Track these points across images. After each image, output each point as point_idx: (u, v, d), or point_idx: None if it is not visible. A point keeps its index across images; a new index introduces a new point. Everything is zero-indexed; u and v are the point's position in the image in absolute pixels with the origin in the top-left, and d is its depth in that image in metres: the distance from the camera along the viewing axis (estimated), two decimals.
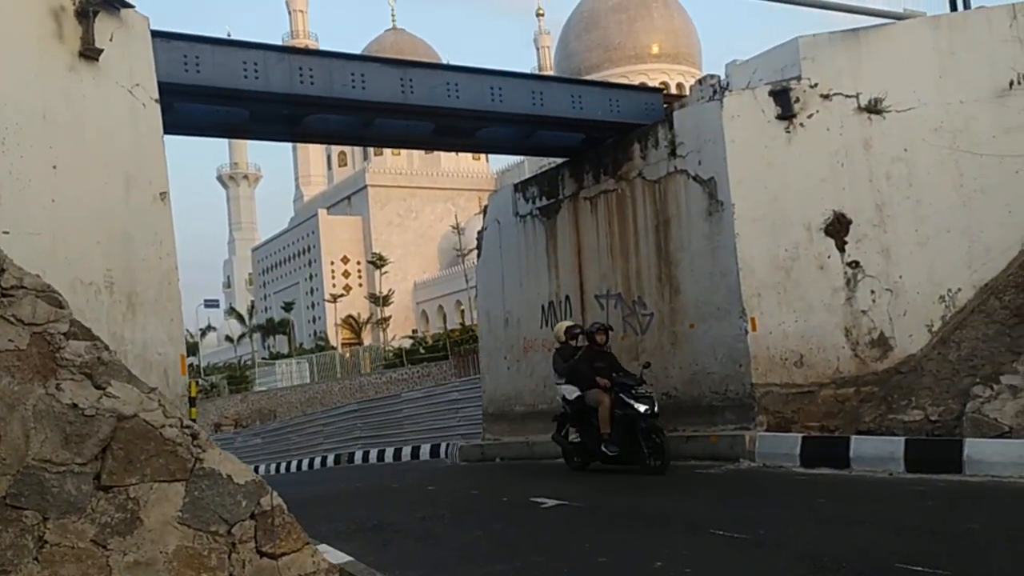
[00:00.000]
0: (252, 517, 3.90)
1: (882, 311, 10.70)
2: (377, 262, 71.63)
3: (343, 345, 64.00)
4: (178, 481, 3.80)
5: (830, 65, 11.06)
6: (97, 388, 3.77)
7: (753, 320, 10.47)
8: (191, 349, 52.96)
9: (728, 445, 10.25)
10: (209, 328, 76.38)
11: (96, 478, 3.65)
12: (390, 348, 50.69)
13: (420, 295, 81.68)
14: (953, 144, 10.84)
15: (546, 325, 14.31)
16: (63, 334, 3.84)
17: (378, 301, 70.35)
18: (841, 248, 10.77)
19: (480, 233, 16.48)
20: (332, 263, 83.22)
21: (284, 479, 19.63)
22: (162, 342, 8.68)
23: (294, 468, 23.46)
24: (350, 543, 6.68)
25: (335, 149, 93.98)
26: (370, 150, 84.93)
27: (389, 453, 19.86)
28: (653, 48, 76.64)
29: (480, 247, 16.34)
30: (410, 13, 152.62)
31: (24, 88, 7.53)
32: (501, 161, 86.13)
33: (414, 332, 64.39)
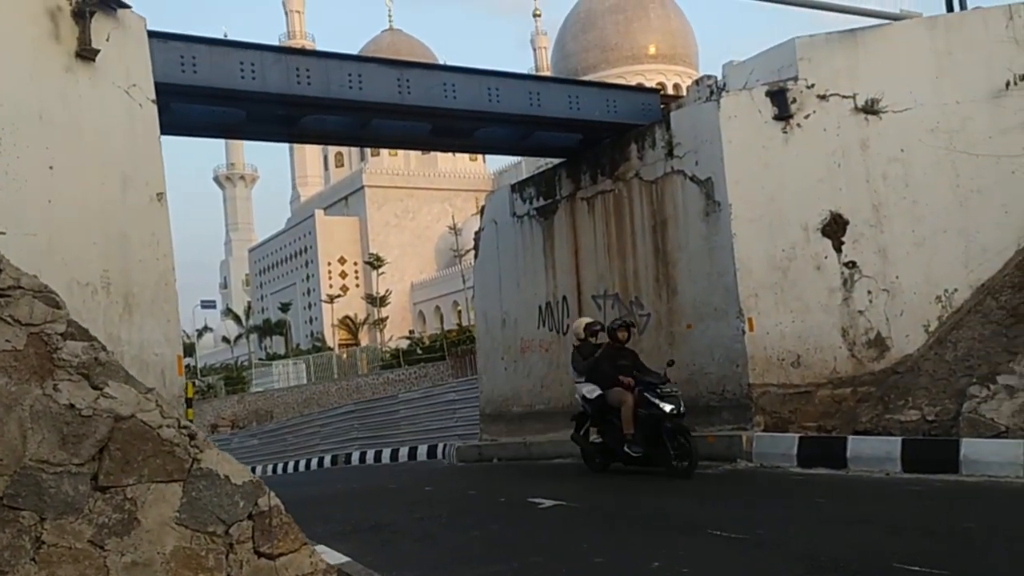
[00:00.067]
0: (250, 517, 3.89)
1: (879, 311, 10.71)
2: (374, 263, 71.64)
3: (340, 346, 63.96)
4: (175, 481, 3.79)
5: (827, 66, 11.08)
6: (94, 388, 3.76)
7: (750, 320, 10.49)
8: (188, 350, 52.91)
9: (725, 445, 10.25)
10: (206, 329, 76.40)
11: (93, 478, 3.64)
12: (387, 349, 50.69)
13: (417, 296, 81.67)
14: (950, 144, 10.86)
15: (543, 326, 14.32)
16: (60, 334, 3.83)
17: (375, 302, 70.41)
18: (838, 248, 10.79)
19: (477, 234, 16.48)
20: (329, 264, 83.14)
21: (281, 480, 19.61)
22: (159, 343, 8.68)
23: (291, 469, 23.45)
24: (347, 543, 6.68)
25: (332, 150, 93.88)
26: (367, 151, 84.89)
27: (386, 454, 19.86)
28: (650, 49, 76.67)
29: (477, 248, 16.35)
30: (407, 13, 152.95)
31: (20, 88, 7.52)
32: (498, 162, 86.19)
33: (411, 333, 64.36)
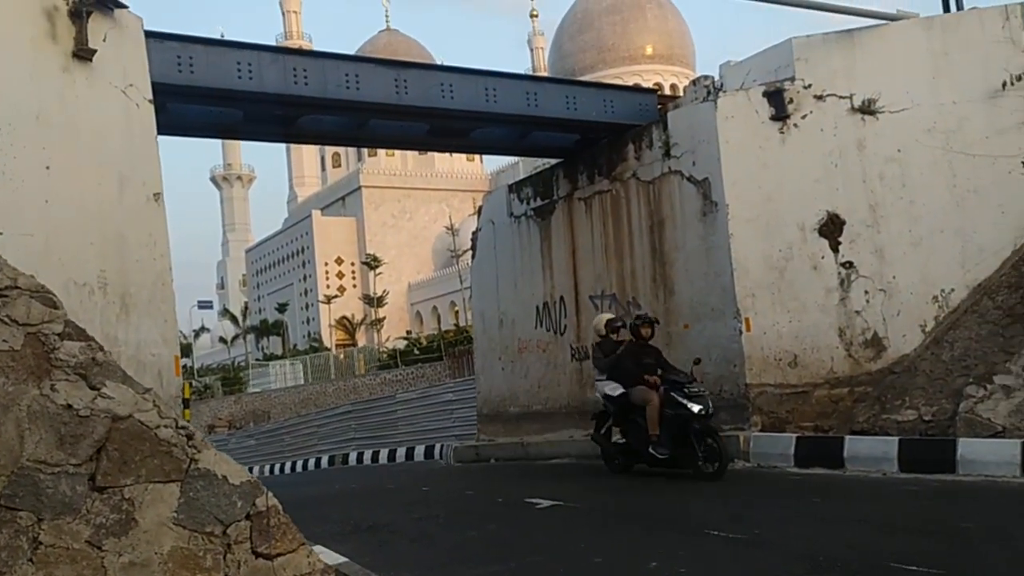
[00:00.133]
0: (247, 518, 3.89)
1: (876, 311, 10.72)
2: (371, 263, 71.60)
3: (337, 346, 63.91)
4: (173, 482, 3.79)
5: (824, 66, 11.09)
6: (92, 389, 3.76)
7: (747, 320, 10.49)
8: (185, 350, 52.76)
9: None
10: (203, 329, 76.21)
11: (91, 479, 3.64)
12: (384, 349, 50.64)
13: (414, 296, 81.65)
14: (946, 145, 10.88)
15: (541, 326, 14.32)
16: (57, 335, 3.82)
17: (372, 302, 70.39)
18: (835, 248, 10.80)
19: (474, 234, 16.48)
20: (326, 264, 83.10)
21: (278, 480, 19.61)
22: (156, 343, 8.67)
23: (288, 469, 23.44)
24: (345, 544, 6.68)
25: (329, 150, 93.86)
26: (364, 151, 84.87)
27: (384, 454, 19.86)
28: (647, 49, 76.76)
29: (474, 248, 16.34)
30: (404, 14, 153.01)
31: (17, 88, 7.51)
32: (495, 162, 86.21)
33: (408, 333, 64.34)
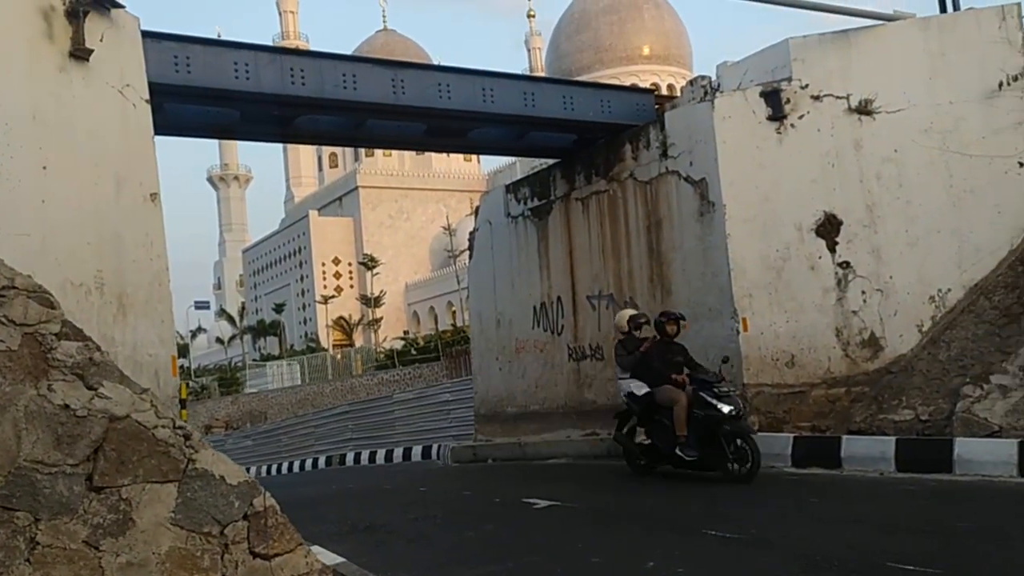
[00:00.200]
0: (245, 518, 3.88)
1: (873, 311, 10.74)
2: (368, 263, 71.52)
3: (334, 347, 63.84)
4: (171, 482, 3.78)
5: (821, 66, 11.11)
6: (89, 389, 3.76)
7: (744, 320, 10.50)
8: (181, 351, 52.75)
9: None
10: (200, 330, 76.08)
11: (88, 479, 3.63)
12: (381, 349, 50.57)
13: (411, 296, 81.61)
14: (943, 145, 10.90)
15: (538, 326, 14.33)
16: (55, 335, 3.82)
17: (369, 302, 70.30)
18: (832, 249, 10.82)
19: (472, 234, 16.47)
20: (323, 264, 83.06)
21: (275, 481, 19.59)
22: (153, 343, 8.66)
23: (285, 470, 23.41)
24: (342, 544, 6.69)
25: (326, 150, 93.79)
26: (361, 151, 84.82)
27: (381, 454, 19.85)
28: (644, 49, 76.80)
29: (472, 248, 16.34)
30: (401, 14, 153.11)
31: (14, 88, 7.49)
32: (493, 162, 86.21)
33: (405, 333, 64.26)
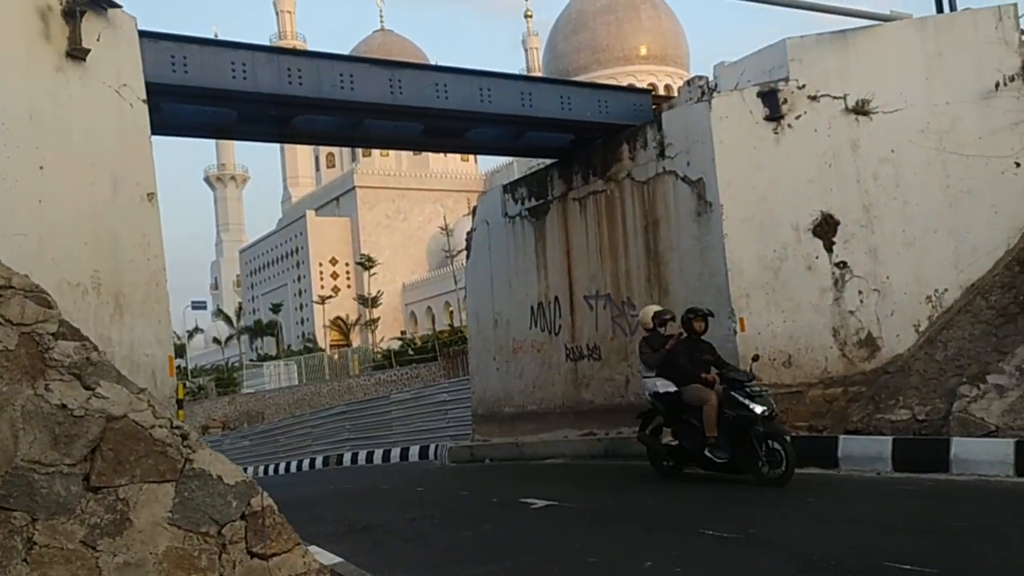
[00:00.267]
0: (242, 518, 3.87)
1: (869, 311, 10.75)
2: (366, 263, 71.46)
3: (331, 347, 63.79)
4: (168, 482, 3.77)
5: (818, 66, 11.12)
6: (86, 388, 3.75)
7: (742, 320, 10.51)
8: (178, 351, 52.71)
9: None
10: (196, 330, 75.94)
11: (85, 479, 3.62)
12: (379, 350, 50.60)
13: (409, 296, 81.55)
14: (940, 145, 10.91)
15: (535, 326, 14.33)
16: (52, 334, 3.81)
17: (367, 303, 70.20)
18: (829, 249, 10.83)
19: (469, 234, 16.48)
20: (320, 265, 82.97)
21: (273, 481, 19.57)
22: (149, 344, 8.65)
23: (283, 470, 23.41)
24: (340, 544, 6.69)
25: (323, 150, 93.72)
26: (358, 151, 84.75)
27: (378, 455, 19.85)
28: (641, 50, 76.80)
29: (469, 248, 16.35)
30: (398, 14, 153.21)
31: (11, 88, 7.49)
32: (490, 162, 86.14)
33: (403, 334, 64.28)
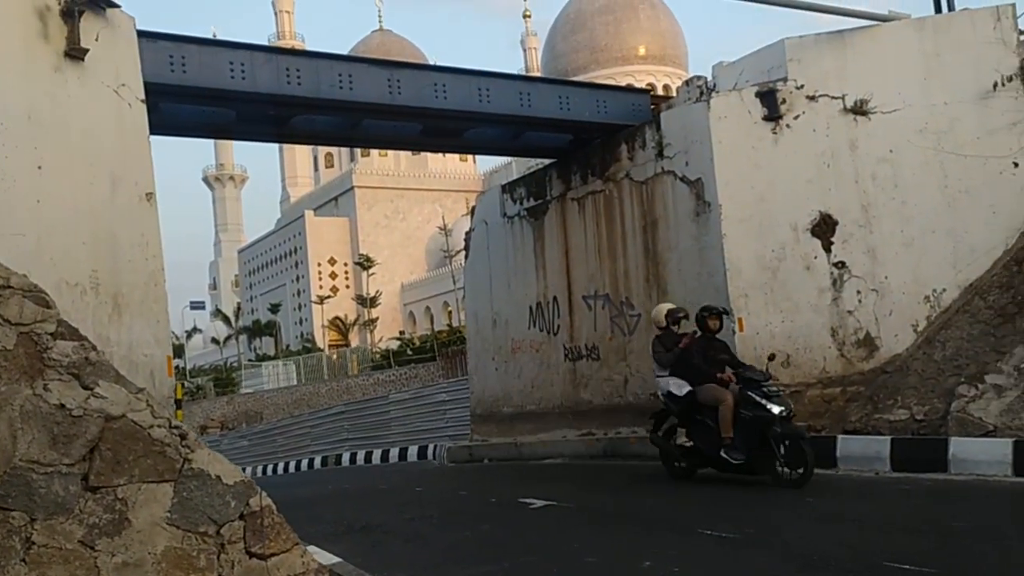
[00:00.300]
0: (241, 518, 3.87)
1: (868, 311, 10.76)
2: (364, 263, 71.48)
3: (330, 347, 63.77)
4: (166, 482, 3.77)
5: (816, 67, 11.12)
6: (85, 388, 3.75)
7: (740, 320, 10.51)
8: (177, 351, 52.65)
9: None
10: (195, 330, 76.05)
11: (84, 479, 3.62)
12: (377, 350, 50.59)
13: (407, 296, 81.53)
14: (938, 145, 10.92)
15: (534, 326, 14.33)
16: (50, 334, 3.81)
17: (365, 303, 70.20)
18: (827, 249, 10.83)
19: (468, 234, 16.48)
20: (319, 265, 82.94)
21: (271, 481, 19.56)
22: (148, 344, 8.64)
23: (281, 470, 23.40)
24: (338, 544, 6.69)
25: (322, 150, 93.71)
26: (357, 151, 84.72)
27: (377, 455, 19.85)
28: (640, 50, 76.82)
29: (468, 248, 16.34)
30: (397, 14, 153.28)
31: (9, 88, 7.48)
32: (489, 162, 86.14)
33: (401, 334, 64.26)
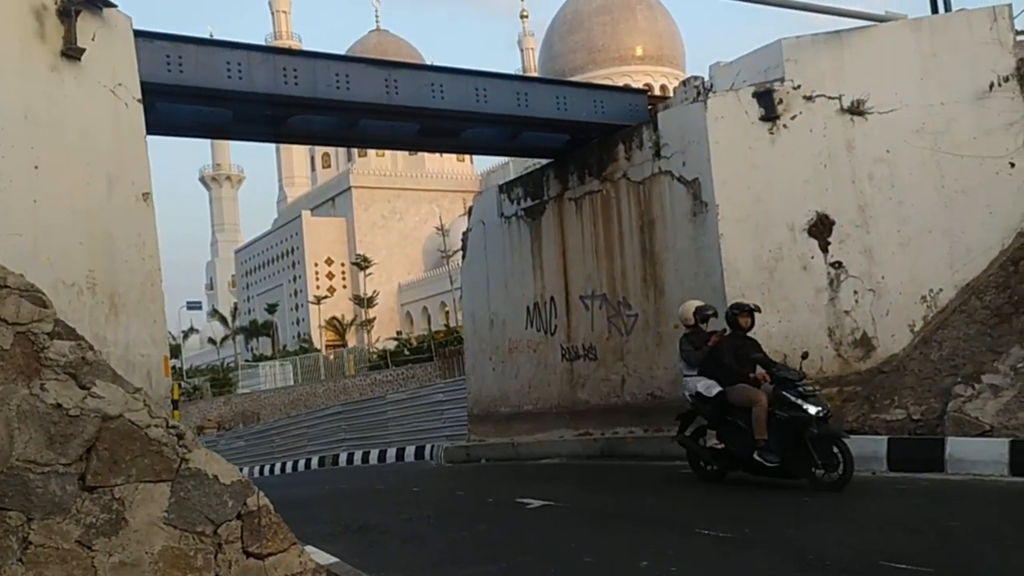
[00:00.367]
0: (238, 517, 3.87)
1: (865, 311, 10.77)
2: (361, 264, 71.50)
3: (327, 347, 63.75)
4: (164, 481, 3.77)
5: (813, 67, 11.13)
6: (82, 388, 3.74)
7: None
8: (173, 351, 52.58)
9: None
10: (192, 330, 76.00)
11: (81, 478, 3.62)
12: (374, 350, 50.58)
13: (405, 297, 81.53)
14: (935, 145, 10.93)
15: (531, 326, 14.33)
16: (47, 334, 3.80)
17: (362, 303, 70.26)
18: (824, 249, 10.84)
19: (465, 234, 16.48)
20: (316, 265, 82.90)
21: (268, 481, 19.54)
22: (145, 344, 8.63)
23: (278, 470, 23.39)
24: (336, 544, 6.69)
25: (319, 150, 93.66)
26: (354, 151, 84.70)
27: (374, 455, 19.84)
28: (637, 50, 76.86)
29: (465, 248, 16.34)
30: (394, 14, 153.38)
31: (5, 88, 7.47)
32: (486, 162, 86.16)
33: (399, 334, 64.27)
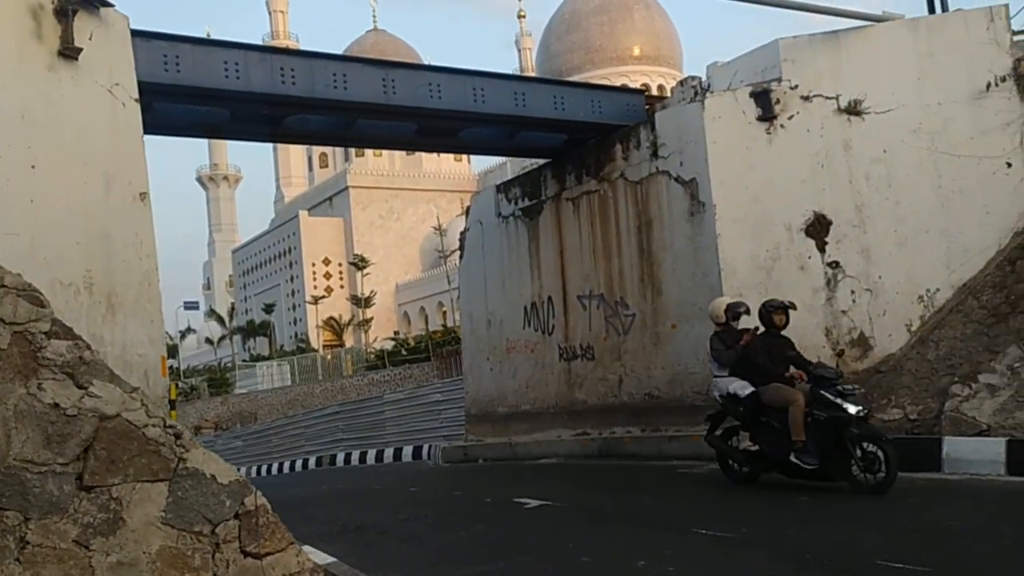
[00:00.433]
0: (236, 517, 3.87)
1: (862, 311, 10.78)
2: (359, 264, 71.42)
3: (324, 347, 63.70)
4: (161, 481, 3.77)
5: (810, 67, 11.14)
6: (79, 388, 3.74)
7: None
8: (171, 351, 52.42)
9: None
10: (189, 330, 75.84)
11: (78, 478, 3.62)
12: (372, 350, 50.55)
13: (402, 297, 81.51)
14: (931, 145, 10.94)
15: (529, 326, 14.33)
16: (44, 333, 3.80)
17: (360, 303, 70.21)
18: (821, 248, 10.85)
19: (462, 234, 16.48)
20: (313, 265, 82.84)
21: (266, 481, 19.53)
22: (142, 344, 8.63)
23: (276, 471, 23.37)
24: (333, 544, 6.68)
25: (316, 150, 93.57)
26: (351, 151, 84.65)
27: (371, 455, 19.83)
28: (634, 50, 76.90)
29: (462, 248, 16.34)
30: (391, 14, 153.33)
31: (2, 88, 7.48)
32: (483, 162, 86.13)
33: (396, 334, 64.22)
